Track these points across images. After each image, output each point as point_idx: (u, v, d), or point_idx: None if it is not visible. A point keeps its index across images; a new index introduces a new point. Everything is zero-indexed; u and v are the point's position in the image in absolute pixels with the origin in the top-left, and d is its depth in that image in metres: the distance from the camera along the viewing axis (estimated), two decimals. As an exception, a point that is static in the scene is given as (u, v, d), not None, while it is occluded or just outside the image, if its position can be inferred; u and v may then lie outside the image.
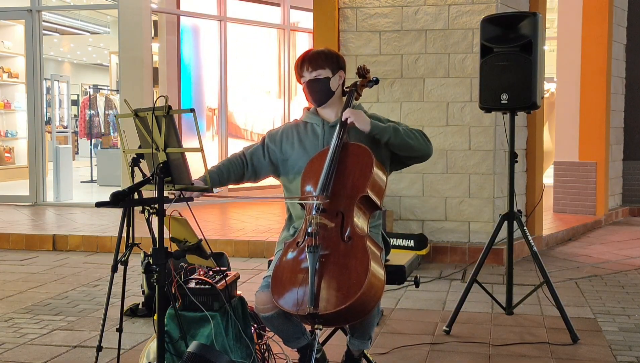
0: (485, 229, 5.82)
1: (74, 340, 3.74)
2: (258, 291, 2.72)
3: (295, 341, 2.84)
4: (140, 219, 2.72)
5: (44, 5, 9.51)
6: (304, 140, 2.92)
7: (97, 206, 2.56)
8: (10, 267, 5.71)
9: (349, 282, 2.42)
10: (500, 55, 3.85)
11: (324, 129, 2.91)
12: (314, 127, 2.94)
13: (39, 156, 8.82)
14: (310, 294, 2.40)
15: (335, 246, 2.53)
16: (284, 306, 2.49)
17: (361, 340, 2.89)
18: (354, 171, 2.69)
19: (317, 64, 2.87)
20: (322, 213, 2.60)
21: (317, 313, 2.38)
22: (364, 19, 6.05)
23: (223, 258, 3.73)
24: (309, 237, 2.53)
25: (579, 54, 7.88)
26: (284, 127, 3.02)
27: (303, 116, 3.03)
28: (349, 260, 2.48)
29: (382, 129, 2.80)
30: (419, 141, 2.86)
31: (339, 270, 2.46)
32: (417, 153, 2.87)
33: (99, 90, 13.98)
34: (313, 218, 2.59)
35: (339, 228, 2.57)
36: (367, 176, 2.66)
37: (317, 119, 2.95)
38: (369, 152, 2.72)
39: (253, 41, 9.69)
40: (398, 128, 2.83)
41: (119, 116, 2.86)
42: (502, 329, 3.93)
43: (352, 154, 2.73)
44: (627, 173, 8.77)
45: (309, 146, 2.89)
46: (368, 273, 2.41)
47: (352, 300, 2.36)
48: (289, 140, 2.95)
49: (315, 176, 2.72)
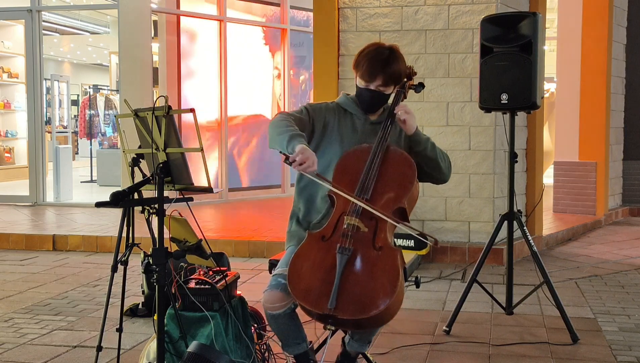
0: (485, 229, 5.82)
1: (74, 340, 3.74)
2: (267, 290, 2.63)
3: (295, 346, 2.77)
4: (140, 219, 2.72)
5: (44, 5, 9.51)
6: (343, 129, 2.78)
7: (97, 206, 2.57)
8: (10, 267, 5.71)
9: (374, 293, 2.37)
10: (500, 55, 3.85)
11: (365, 125, 2.80)
12: (354, 119, 2.81)
13: (39, 156, 8.82)
14: (334, 296, 2.36)
15: (365, 252, 2.46)
16: (300, 299, 2.43)
17: (361, 343, 2.88)
18: (396, 180, 2.61)
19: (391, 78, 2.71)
20: (360, 216, 2.52)
21: (335, 315, 2.35)
22: (364, 19, 6.05)
23: (223, 258, 3.73)
24: (343, 238, 2.47)
25: (579, 54, 7.88)
26: (326, 107, 2.82)
27: (341, 101, 2.86)
28: (378, 270, 2.42)
29: (422, 138, 2.73)
30: (445, 164, 2.81)
31: (366, 277, 2.41)
32: (440, 174, 2.80)
33: (99, 90, 13.99)
34: (350, 219, 2.51)
35: (371, 235, 2.50)
36: (407, 188, 2.60)
37: (360, 112, 2.81)
38: (412, 162, 2.64)
39: (253, 41, 9.69)
40: (434, 144, 2.78)
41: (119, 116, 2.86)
42: (502, 329, 3.93)
43: (394, 160, 2.65)
44: (627, 173, 8.77)
45: (346, 138, 2.77)
46: (396, 289, 2.37)
47: (375, 312, 2.33)
48: (329, 123, 2.78)
49: (352, 173, 2.62)
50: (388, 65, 2.70)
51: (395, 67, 2.72)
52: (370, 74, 2.70)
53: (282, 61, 10.05)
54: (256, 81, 9.77)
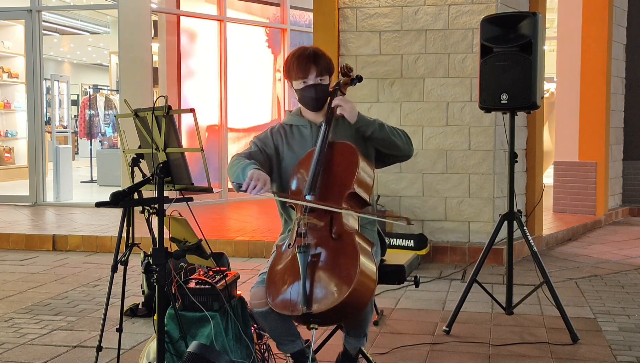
0: (485, 229, 5.82)
1: (74, 340, 3.74)
2: (253, 287, 2.71)
3: (289, 344, 2.80)
4: (140, 219, 2.72)
5: (44, 5, 9.51)
6: (292, 144, 2.89)
7: (97, 206, 2.57)
8: (10, 267, 5.71)
9: (339, 279, 2.42)
10: (500, 55, 3.85)
11: (312, 130, 2.89)
12: (300, 129, 2.91)
13: (39, 156, 8.82)
14: (303, 294, 2.41)
15: (325, 245, 2.53)
16: (278, 308, 2.49)
17: (357, 337, 2.89)
18: (340, 169, 2.69)
19: (324, 69, 2.83)
20: (310, 213, 2.60)
21: (310, 313, 2.39)
22: (364, 19, 6.05)
23: (223, 258, 3.73)
24: (299, 237, 2.54)
25: (579, 54, 7.88)
26: (271, 131, 2.96)
27: (286, 119, 2.99)
28: (339, 258, 2.49)
29: (368, 122, 2.81)
30: (402, 140, 2.88)
31: (329, 268, 2.47)
32: (399, 151, 2.88)
33: (99, 90, 13.99)
34: (302, 219, 2.59)
35: (328, 227, 2.57)
36: (352, 173, 2.67)
37: (304, 121, 2.92)
38: (353, 148, 2.73)
39: (253, 41, 9.69)
40: (383, 124, 2.85)
41: (119, 116, 2.86)
42: (502, 329, 3.93)
43: (337, 152, 2.74)
44: (627, 173, 8.77)
45: (298, 150, 2.87)
46: (357, 268, 2.41)
47: (344, 296, 2.37)
48: (277, 145, 2.90)
49: (302, 177, 2.72)
50: (316, 56, 2.83)
51: (323, 58, 2.84)
52: (304, 69, 2.81)
53: (282, 61, 10.04)
54: (256, 81, 9.77)
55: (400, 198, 6.01)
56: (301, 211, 2.63)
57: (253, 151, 2.86)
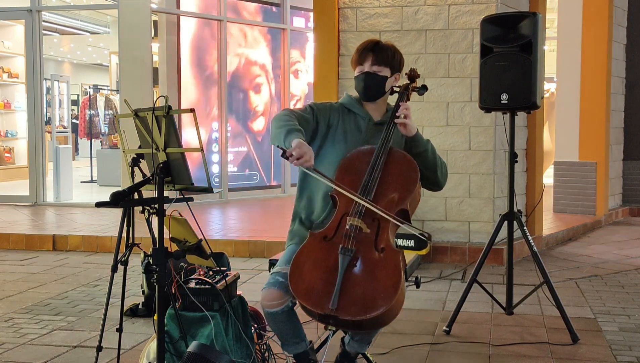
0: (485, 229, 5.82)
1: (74, 340, 3.74)
2: (265, 288, 2.62)
3: (294, 346, 2.76)
4: (140, 219, 2.72)
5: (44, 5, 9.51)
6: (347, 129, 2.78)
7: (97, 206, 2.57)
8: (10, 267, 5.71)
9: (375, 294, 2.37)
10: (500, 55, 3.85)
11: (369, 125, 2.80)
12: (357, 119, 2.81)
13: (39, 156, 8.82)
14: (336, 295, 2.36)
15: (367, 253, 2.47)
16: (302, 300, 2.43)
17: (361, 343, 2.88)
18: (399, 181, 2.62)
19: (382, 59, 2.76)
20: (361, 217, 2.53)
21: (336, 316, 2.35)
22: (364, 19, 6.05)
23: (223, 258, 3.73)
24: (345, 238, 2.48)
25: (579, 54, 7.88)
26: (330, 106, 2.83)
27: (345, 101, 2.87)
28: (380, 272, 2.43)
29: (423, 140, 2.75)
30: (442, 171, 2.82)
31: (367, 278, 2.41)
32: (436, 179, 2.81)
33: (99, 90, 13.98)
34: (353, 220, 2.51)
35: (374, 236, 2.50)
36: (410, 190, 2.61)
37: (363, 111, 2.82)
38: (415, 165, 2.66)
39: (253, 41, 9.69)
40: (434, 149, 2.79)
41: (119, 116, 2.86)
42: (502, 329, 3.93)
43: (397, 162, 2.66)
44: (627, 173, 8.77)
45: (350, 139, 2.77)
46: (398, 291, 2.37)
47: (376, 313, 2.34)
48: (333, 123, 2.79)
49: (355, 173, 2.63)
50: (377, 46, 2.78)
51: (385, 49, 2.79)
52: (361, 56, 2.79)
53: (282, 61, 10.04)
54: (256, 81, 9.76)
55: (400, 198, 6.00)
56: (352, 211, 2.53)
57: (305, 115, 2.72)
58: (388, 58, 2.77)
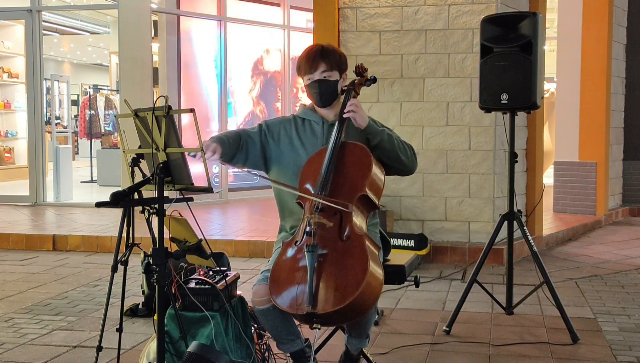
0: (485, 229, 5.82)
1: (74, 340, 3.74)
2: (255, 285, 2.69)
3: (289, 343, 2.79)
4: (140, 219, 2.72)
5: (44, 5, 9.51)
6: (303, 138, 2.88)
7: (97, 206, 2.56)
8: (10, 267, 5.71)
9: (347, 281, 2.41)
10: (500, 55, 3.85)
11: (324, 127, 2.88)
12: (312, 125, 2.90)
13: (39, 156, 8.82)
14: (309, 293, 2.39)
15: (333, 245, 2.52)
16: (282, 306, 2.48)
17: (359, 339, 2.89)
18: (353, 170, 2.68)
19: (332, 64, 2.81)
20: (320, 212, 2.59)
21: (315, 313, 2.38)
22: (364, 19, 6.05)
23: (223, 258, 3.73)
24: (308, 236, 2.53)
25: (579, 54, 7.88)
26: (282, 121, 2.96)
27: (299, 112, 2.98)
28: (348, 259, 2.47)
29: (376, 131, 2.79)
30: (407, 154, 2.85)
31: (337, 269, 2.46)
32: (402, 165, 2.84)
33: (99, 90, 13.98)
34: (312, 217, 2.58)
35: (337, 227, 2.56)
36: (365, 176, 2.65)
37: (316, 117, 2.91)
38: (367, 151, 2.71)
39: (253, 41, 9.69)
40: (392, 135, 2.82)
41: (119, 116, 2.86)
42: (502, 329, 3.93)
43: (350, 153, 2.72)
44: (627, 173, 8.77)
45: (308, 145, 2.86)
46: (367, 272, 2.40)
47: (351, 299, 2.36)
48: (287, 135, 2.90)
49: (314, 174, 2.70)
50: (324, 52, 2.82)
51: (332, 53, 2.83)
52: (310, 65, 2.81)
53: (282, 61, 10.04)
54: (256, 81, 9.76)
55: (400, 198, 6.01)
56: (311, 210, 2.61)
57: (251, 133, 2.88)
58: (336, 61, 2.83)
